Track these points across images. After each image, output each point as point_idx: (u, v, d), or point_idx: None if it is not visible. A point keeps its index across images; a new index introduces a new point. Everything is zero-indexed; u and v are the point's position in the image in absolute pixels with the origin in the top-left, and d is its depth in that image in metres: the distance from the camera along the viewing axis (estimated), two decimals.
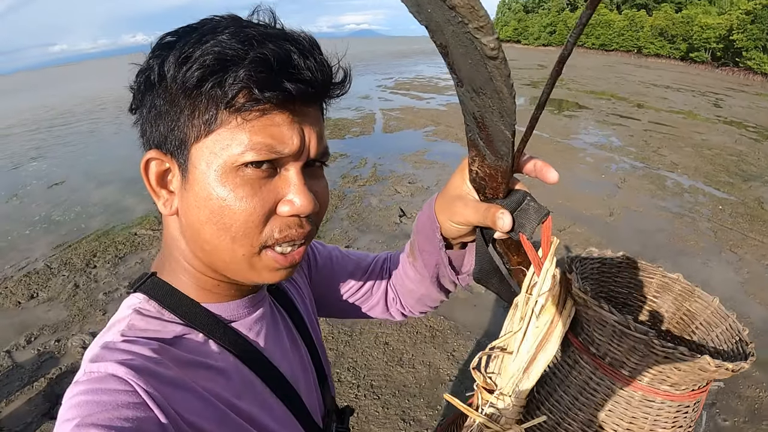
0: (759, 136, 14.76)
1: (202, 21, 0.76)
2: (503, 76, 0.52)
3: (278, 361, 0.94)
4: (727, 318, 0.96)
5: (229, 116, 0.70)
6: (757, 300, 5.66)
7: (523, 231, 0.75)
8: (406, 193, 8.68)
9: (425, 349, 4.70)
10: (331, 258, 1.28)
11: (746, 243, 7.12)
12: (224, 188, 0.71)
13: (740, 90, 29.02)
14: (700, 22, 47.36)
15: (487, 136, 0.66)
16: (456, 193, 0.85)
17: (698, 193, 9.21)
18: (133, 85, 0.78)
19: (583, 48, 65.12)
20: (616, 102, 20.13)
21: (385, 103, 18.23)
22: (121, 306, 0.83)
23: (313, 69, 0.72)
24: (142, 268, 6.28)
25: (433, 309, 1.27)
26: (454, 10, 0.45)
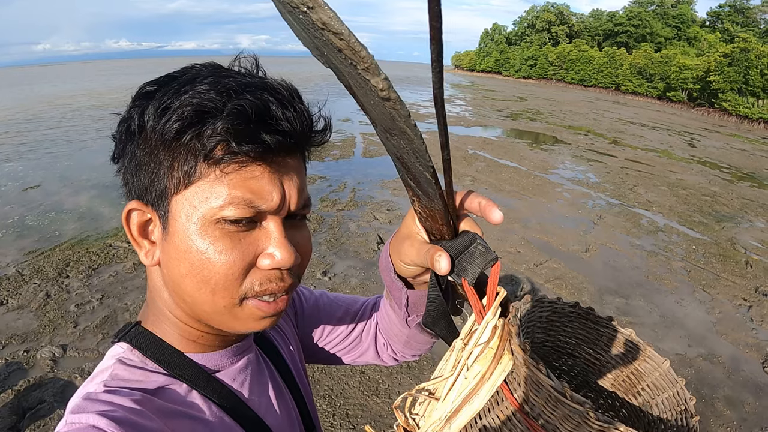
0: (732, 177, 15.06)
1: (182, 69, 0.76)
2: (402, 116, 0.51)
3: (263, 412, 0.93)
4: (675, 383, 0.94)
5: (208, 168, 0.69)
6: (728, 339, 5.77)
7: (464, 275, 0.71)
8: (384, 221, 8.68)
9: (401, 379, 4.65)
10: (318, 305, 1.26)
11: (719, 283, 7.21)
12: (204, 241, 0.70)
13: (715, 131, 29.58)
14: (678, 62, 48.55)
15: (413, 177, 0.64)
16: (406, 233, 0.82)
17: (672, 233, 9.34)
18: (115, 135, 0.78)
19: (563, 82, 66.28)
20: (593, 138, 20.40)
21: (365, 127, 18.13)
22: (105, 355, 0.82)
23: (291, 119, 0.71)
24: (115, 281, 6.18)
25: (424, 352, 1.22)
26: (341, 53, 0.45)
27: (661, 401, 0.93)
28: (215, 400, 0.83)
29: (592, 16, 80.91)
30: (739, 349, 5.62)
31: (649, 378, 0.97)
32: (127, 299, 5.76)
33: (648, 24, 67.93)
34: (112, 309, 5.55)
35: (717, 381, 5.01)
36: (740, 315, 6.39)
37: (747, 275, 7.60)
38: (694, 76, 46.23)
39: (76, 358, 4.73)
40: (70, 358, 4.72)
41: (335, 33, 0.42)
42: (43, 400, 4.15)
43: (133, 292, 5.93)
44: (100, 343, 4.94)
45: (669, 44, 64.23)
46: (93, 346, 4.90)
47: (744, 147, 23.29)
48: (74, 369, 4.55)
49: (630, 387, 1.02)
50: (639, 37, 68.27)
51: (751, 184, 14.48)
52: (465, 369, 0.71)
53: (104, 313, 5.46)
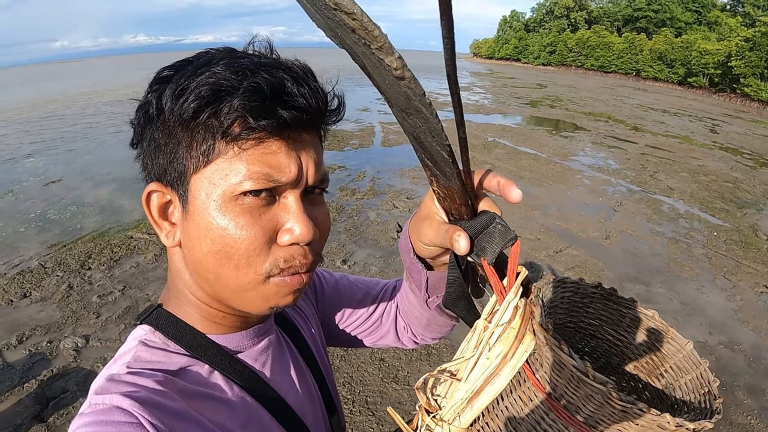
0: (754, 163, 14.85)
1: (197, 54, 0.77)
2: (417, 95, 0.51)
3: (285, 391, 0.93)
4: (698, 365, 0.94)
5: (226, 146, 0.70)
6: (749, 327, 5.71)
7: (484, 255, 0.70)
8: (404, 209, 8.66)
9: (420, 366, 4.64)
10: (339, 287, 1.27)
11: (740, 270, 7.14)
12: (224, 217, 0.71)
13: (737, 116, 29.20)
14: (699, 47, 47.92)
15: (431, 157, 0.64)
16: (425, 213, 0.81)
17: (694, 219, 9.25)
18: (134, 121, 0.79)
19: (582, 69, 65.89)
20: (613, 124, 20.19)
21: (384, 117, 18.16)
22: (128, 338, 0.83)
23: (306, 96, 0.72)
24: (137, 272, 6.27)
25: (445, 334, 1.21)
26: (354, 33, 0.45)
27: (684, 383, 0.93)
28: (237, 380, 0.84)
29: (611, 2, 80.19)
30: (760, 336, 5.56)
31: (672, 360, 0.97)
32: (149, 290, 5.83)
33: (668, 9, 67.34)
34: (134, 299, 5.62)
35: (738, 369, 4.95)
36: (762, 302, 6.32)
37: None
38: (715, 61, 45.59)
39: (98, 348, 4.80)
40: (93, 348, 4.79)
41: (347, 13, 0.42)
42: (66, 389, 4.22)
43: (154, 283, 5.99)
44: (122, 333, 5.01)
45: (689, 29, 63.54)
46: (115, 336, 4.97)
47: (766, 133, 22.91)
48: (97, 359, 4.62)
49: (653, 369, 1.02)
50: (659, 22, 67.72)
51: None
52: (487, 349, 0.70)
53: (126, 304, 5.53)
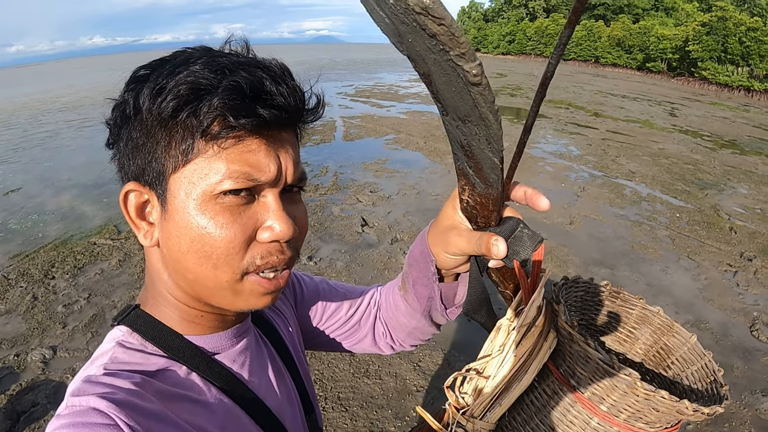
0: (714, 145, 15.09)
1: (174, 53, 0.77)
2: (488, 102, 0.51)
3: (263, 393, 0.94)
4: (703, 356, 0.96)
5: (206, 145, 0.70)
6: (715, 305, 5.81)
7: (517, 258, 0.74)
8: (368, 203, 8.65)
9: (391, 360, 4.64)
10: (318, 290, 1.27)
11: (703, 250, 7.24)
12: (204, 216, 0.71)
13: (695, 99, 29.77)
14: (656, 33, 48.69)
15: (476, 164, 0.65)
16: (449, 224, 0.84)
17: (656, 202, 9.34)
18: (109, 120, 0.79)
19: (542, 57, 66.59)
20: (574, 111, 20.38)
21: (345, 111, 18.20)
22: (105, 339, 0.82)
23: (285, 94, 0.73)
24: (101, 278, 6.14)
25: (423, 342, 1.25)
26: (434, 38, 0.44)
27: (690, 373, 0.96)
28: (215, 382, 0.84)
29: None
30: (726, 314, 5.66)
31: (677, 352, 1.00)
32: (114, 296, 5.70)
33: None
34: (100, 307, 5.50)
35: (706, 347, 4.56)
36: (726, 280, 6.43)
37: (731, 241, 7.63)
38: (672, 46, 46.38)
39: (66, 358, 4.68)
40: (61, 359, 4.67)
41: (436, 17, 0.42)
42: (36, 402, 4.12)
43: (119, 289, 5.86)
44: (90, 342, 4.90)
45: (647, 15, 64.41)
46: (83, 346, 4.86)
47: (725, 114, 23.42)
48: (65, 369, 4.51)
49: (660, 361, 1.04)
50: (616, 9, 68.31)
51: (733, 151, 14.49)
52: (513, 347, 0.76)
53: (92, 312, 5.41)
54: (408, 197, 8.92)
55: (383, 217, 7.93)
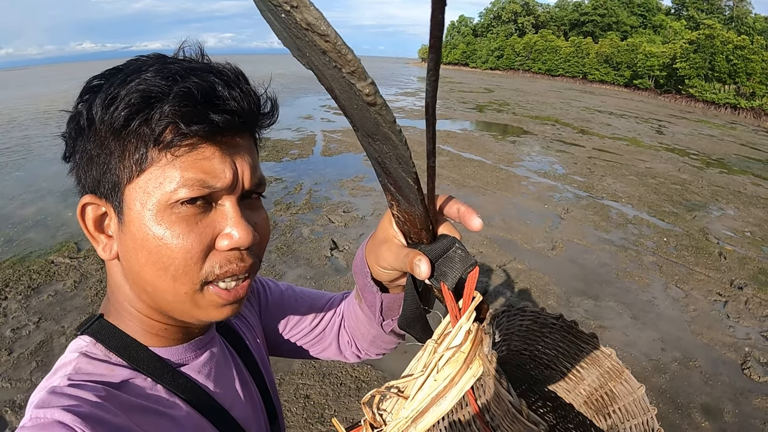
0: (701, 164, 15.15)
1: (127, 62, 0.76)
2: (387, 122, 0.51)
3: (229, 404, 0.93)
4: (646, 412, 0.89)
5: (159, 154, 0.69)
6: (704, 339, 5.49)
7: (444, 280, 0.72)
8: (340, 224, 8.24)
9: (349, 403, 4.32)
10: (283, 297, 1.27)
11: (692, 278, 6.97)
12: (160, 227, 0.70)
13: (682, 117, 30.31)
14: (644, 50, 49.89)
15: (394, 182, 0.65)
16: (383, 236, 0.84)
17: (642, 224, 9.11)
18: (65, 133, 0.78)
19: (530, 72, 67.99)
20: (560, 127, 20.39)
21: (327, 124, 17.81)
22: (67, 348, 0.81)
23: (238, 99, 0.72)
24: (54, 301, 5.75)
25: (389, 351, 1.23)
26: (325, 54, 0.45)
27: (629, 426, 0.91)
28: (180, 394, 0.83)
29: (558, 7, 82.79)
30: (715, 350, 5.33)
31: (622, 401, 0.96)
32: (65, 321, 5.36)
33: (614, 13, 69.59)
34: (49, 333, 5.15)
35: (693, 388, 4.70)
36: (716, 312, 6.13)
37: (721, 267, 7.37)
38: (660, 63, 47.45)
39: (8, 388, 4.35)
40: (2, 389, 4.34)
41: (321, 34, 0.43)
42: None
43: (71, 313, 5.51)
44: (34, 372, 4.56)
45: (635, 32, 66.16)
46: (26, 376, 4.51)
47: (712, 132, 23.74)
48: (6, 402, 4.18)
49: (601, 407, 1.00)
50: (605, 26, 70.06)
51: (721, 170, 14.55)
52: (435, 371, 0.74)
53: (40, 338, 5.07)
54: (382, 218, 8.45)
55: (354, 240, 7.51)
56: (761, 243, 8.63)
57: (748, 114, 37.55)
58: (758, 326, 5.85)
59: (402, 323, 0.87)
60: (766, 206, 11.07)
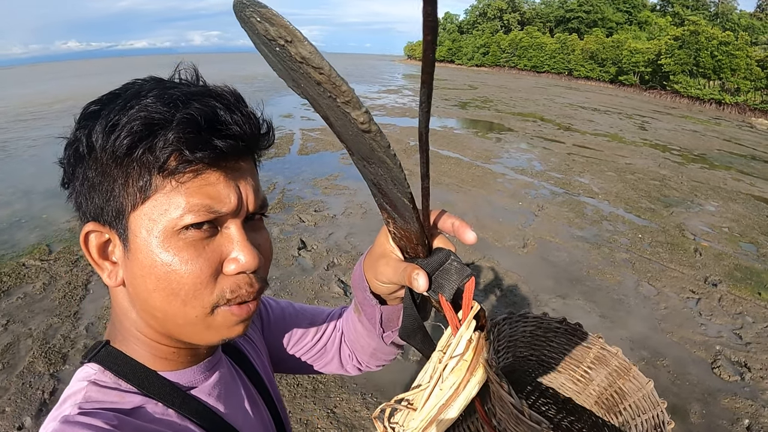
0: (683, 159, 15.14)
1: (124, 86, 0.76)
2: (382, 147, 0.53)
3: (240, 424, 0.93)
4: (657, 406, 0.89)
5: (163, 180, 0.69)
6: (674, 338, 5.41)
7: (442, 292, 0.74)
8: (310, 223, 8.09)
9: (304, 404, 4.22)
10: (284, 315, 1.27)
11: (665, 275, 6.88)
12: (168, 253, 0.70)
13: (666, 113, 30.39)
14: (629, 46, 50.26)
15: (390, 202, 0.67)
16: (380, 251, 0.86)
17: (618, 221, 9.02)
18: (63, 160, 0.78)
19: (515, 69, 68.44)
20: (542, 124, 20.32)
21: (306, 123, 17.49)
22: (74, 377, 0.80)
23: (240, 123, 0.72)
24: (23, 303, 5.65)
25: (388, 362, 1.26)
26: (320, 86, 0.46)
27: (641, 422, 0.91)
28: (193, 417, 0.83)
29: (544, 3, 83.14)
30: (685, 348, 5.25)
31: (631, 398, 0.95)
32: (32, 323, 5.28)
33: (599, 9, 70.05)
34: (16, 335, 5.08)
35: (661, 388, 4.57)
36: (688, 309, 6.04)
37: (696, 264, 7.29)
38: (645, 59, 47.77)
39: None
40: None
41: (315, 67, 0.45)
42: None
43: (39, 315, 5.43)
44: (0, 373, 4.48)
45: (620, 29, 66.56)
46: None
47: (695, 128, 23.82)
48: None
49: (612, 406, 1.01)
50: (590, 23, 70.42)
51: (702, 166, 14.54)
52: (441, 380, 0.76)
53: (7, 340, 4.99)
54: (353, 217, 8.43)
55: (324, 240, 7.39)
56: (738, 239, 8.57)
57: (732, 109, 37.98)
58: (731, 324, 5.76)
59: (402, 335, 0.89)
60: (745, 201, 11.06)
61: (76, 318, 5.23)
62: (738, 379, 4.81)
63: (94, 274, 6.06)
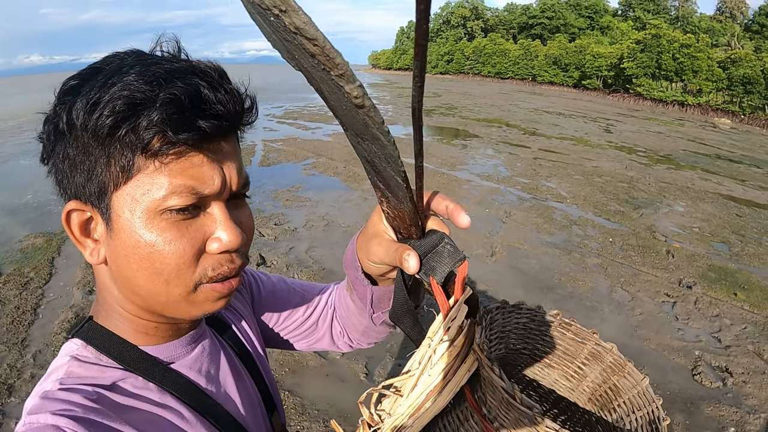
0: (649, 161, 15.22)
1: (105, 60, 0.75)
2: (376, 123, 0.52)
3: (222, 398, 0.93)
4: (651, 403, 0.86)
5: (146, 161, 0.68)
6: (652, 345, 5.24)
7: (433, 274, 0.73)
8: (270, 237, 7.78)
9: None
10: (275, 289, 1.25)
11: (638, 279, 6.73)
12: (151, 234, 0.70)
13: (630, 115, 30.90)
14: (592, 51, 50.92)
15: (383, 180, 0.67)
16: (373, 231, 0.85)
17: (587, 225, 8.88)
18: (42, 135, 0.77)
19: (480, 76, 69.26)
20: (507, 129, 20.33)
21: (269, 134, 17.30)
22: (59, 352, 0.82)
23: (224, 102, 0.72)
24: None
25: (380, 340, 1.26)
26: (314, 58, 0.45)
27: (635, 419, 0.88)
28: (172, 391, 0.83)
29: (507, 10, 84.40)
30: (664, 355, 5.07)
31: (626, 395, 0.93)
32: None
33: (561, 15, 71.14)
34: None
35: None
36: (664, 314, 5.87)
37: (669, 266, 7.15)
38: (608, 63, 48.44)
39: None
40: None
41: (309, 38, 0.43)
42: None
43: None
44: None
45: (582, 34, 67.69)
46: None
47: (659, 129, 24.17)
48: None
49: (606, 402, 0.97)
50: (553, 29, 71.57)
51: (668, 167, 14.63)
52: (430, 366, 0.75)
53: None
54: (315, 229, 8.14)
55: (284, 254, 7.07)
56: (710, 238, 8.49)
57: (695, 110, 38.73)
58: (708, 327, 5.62)
59: (392, 317, 0.89)
60: (714, 201, 11.07)
61: (24, 345, 4.92)
62: (720, 385, 4.66)
63: (45, 297, 5.79)
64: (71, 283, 5.96)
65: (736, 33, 56.59)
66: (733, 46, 48.44)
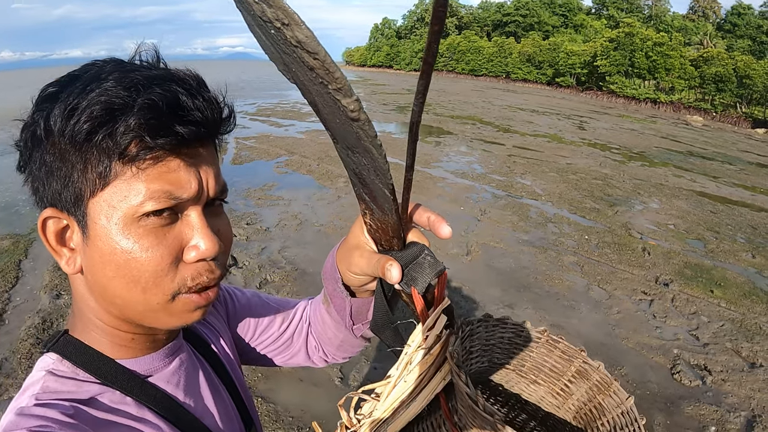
0: (623, 157, 15.31)
1: (83, 67, 0.75)
2: (369, 137, 0.53)
3: (200, 412, 0.93)
4: (634, 423, 0.85)
5: (123, 167, 0.68)
6: (630, 344, 5.18)
7: (414, 285, 0.75)
8: (242, 237, 7.51)
9: None
10: (250, 305, 1.25)
11: (615, 277, 6.68)
12: (128, 240, 0.70)
13: (604, 112, 31.13)
14: (566, 48, 51.71)
15: (370, 192, 0.67)
16: (354, 243, 0.86)
17: (563, 223, 8.82)
18: (19, 142, 0.77)
19: (453, 73, 69.49)
20: (481, 126, 20.30)
21: (241, 131, 16.75)
22: (34, 367, 0.81)
23: (202, 108, 0.72)
24: None
25: (355, 354, 1.26)
26: (312, 71, 0.46)
27: None
28: (150, 405, 0.83)
29: (481, 8, 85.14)
30: (643, 354, 5.03)
31: (610, 414, 0.91)
32: None
33: (535, 13, 71.97)
34: None
35: None
36: (641, 312, 5.84)
37: (645, 264, 7.14)
38: (581, 61, 49.08)
39: None
40: None
41: (310, 52, 0.44)
42: None
43: None
44: None
45: (556, 32, 68.46)
46: None
47: (633, 126, 24.39)
48: None
49: (591, 421, 0.96)
50: (527, 26, 72.27)
51: (642, 163, 14.72)
52: (406, 372, 0.77)
53: None
54: (288, 229, 7.95)
55: (256, 255, 6.88)
56: (685, 235, 8.51)
57: (667, 108, 39.25)
58: (686, 325, 5.60)
59: (373, 328, 0.89)
60: (688, 197, 11.14)
61: None
62: (700, 384, 4.64)
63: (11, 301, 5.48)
64: (38, 287, 5.71)
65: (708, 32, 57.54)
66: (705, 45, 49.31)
